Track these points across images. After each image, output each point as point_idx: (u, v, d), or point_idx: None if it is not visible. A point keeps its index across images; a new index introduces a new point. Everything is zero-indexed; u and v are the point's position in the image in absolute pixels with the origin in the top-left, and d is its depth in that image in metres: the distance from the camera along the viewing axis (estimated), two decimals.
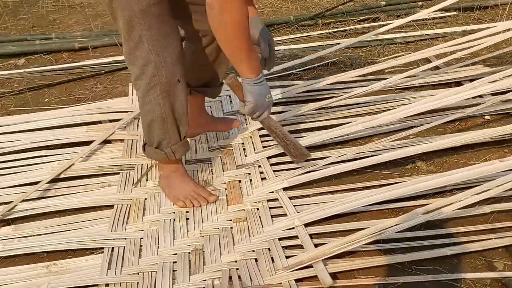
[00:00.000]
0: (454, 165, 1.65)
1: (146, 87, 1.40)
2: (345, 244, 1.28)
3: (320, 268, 1.25)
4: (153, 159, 1.58)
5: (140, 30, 1.32)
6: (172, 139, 1.48)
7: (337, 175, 1.61)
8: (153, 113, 1.44)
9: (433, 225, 1.40)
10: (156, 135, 1.47)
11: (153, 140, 1.49)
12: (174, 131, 1.47)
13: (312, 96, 2.09)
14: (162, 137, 1.47)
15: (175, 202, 1.54)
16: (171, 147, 1.49)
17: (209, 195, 1.54)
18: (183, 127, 1.50)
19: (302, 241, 1.35)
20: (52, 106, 2.19)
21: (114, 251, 1.37)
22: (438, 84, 2.14)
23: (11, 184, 1.65)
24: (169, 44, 1.37)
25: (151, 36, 1.33)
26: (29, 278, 1.30)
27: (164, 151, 1.49)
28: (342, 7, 3.02)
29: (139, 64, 1.37)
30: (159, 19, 1.33)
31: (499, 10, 2.96)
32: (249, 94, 1.38)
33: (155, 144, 1.49)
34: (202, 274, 1.27)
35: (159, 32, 1.34)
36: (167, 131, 1.46)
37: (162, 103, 1.41)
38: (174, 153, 1.50)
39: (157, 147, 1.49)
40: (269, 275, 1.25)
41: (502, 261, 1.28)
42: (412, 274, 1.25)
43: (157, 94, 1.40)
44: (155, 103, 1.42)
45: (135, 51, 1.36)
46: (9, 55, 2.74)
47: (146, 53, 1.35)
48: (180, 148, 1.51)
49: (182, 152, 1.53)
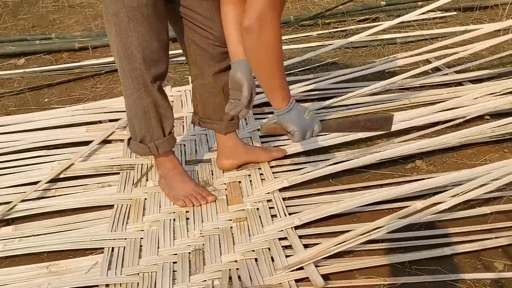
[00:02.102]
0: (454, 165, 1.65)
1: (128, 79, 1.39)
2: (342, 243, 1.28)
3: (311, 270, 1.24)
4: (137, 154, 1.57)
5: (127, 24, 1.31)
6: (155, 134, 1.47)
7: (336, 175, 1.61)
8: (135, 107, 1.43)
9: (433, 225, 1.40)
10: (138, 129, 1.47)
11: (136, 134, 1.48)
12: (157, 126, 1.46)
13: (312, 96, 2.09)
14: (145, 131, 1.47)
15: (175, 201, 1.53)
16: (154, 142, 1.48)
17: (208, 195, 1.54)
18: (168, 122, 1.49)
19: (292, 242, 1.34)
20: (52, 106, 2.19)
21: (114, 251, 1.37)
22: (438, 84, 2.14)
23: (11, 184, 1.65)
24: (153, 44, 1.35)
25: (136, 33, 1.32)
26: (29, 278, 1.30)
27: (147, 146, 1.49)
28: (342, 7, 3.03)
29: (122, 57, 1.36)
30: (149, 19, 1.32)
31: (499, 10, 2.96)
32: (289, 124, 1.31)
33: (139, 138, 1.49)
34: (202, 275, 1.27)
35: (145, 31, 1.33)
36: (150, 126, 1.46)
37: (144, 97, 1.41)
38: (157, 147, 1.49)
39: (140, 142, 1.49)
40: (269, 275, 1.25)
41: (502, 261, 1.27)
42: (412, 274, 1.25)
43: (138, 87, 1.39)
44: (136, 96, 1.41)
45: (119, 44, 1.34)
46: (9, 55, 2.75)
47: (128, 46, 1.33)
48: (163, 143, 1.50)
49: (166, 147, 1.51)
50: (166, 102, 1.48)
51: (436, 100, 1.99)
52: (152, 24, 1.34)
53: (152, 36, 1.35)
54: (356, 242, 1.27)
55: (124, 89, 1.43)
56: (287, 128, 1.32)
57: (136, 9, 1.29)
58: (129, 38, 1.32)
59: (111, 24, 1.33)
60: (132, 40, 1.33)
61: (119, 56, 1.36)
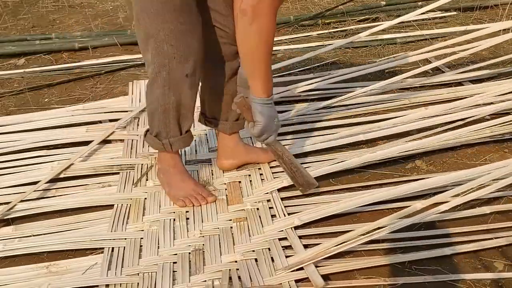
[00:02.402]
0: (454, 165, 1.65)
1: (155, 76, 1.38)
2: (343, 243, 1.28)
3: (311, 270, 1.24)
4: (150, 147, 1.57)
5: (156, 20, 1.30)
6: (171, 131, 1.47)
7: (336, 175, 1.61)
8: (156, 103, 1.42)
9: (433, 225, 1.39)
10: (156, 125, 1.46)
11: (153, 129, 1.48)
12: (175, 124, 1.46)
13: (312, 96, 2.09)
14: (161, 128, 1.46)
15: (175, 201, 1.53)
16: (169, 139, 1.48)
17: (208, 195, 1.53)
18: (187, 122, 1.48)
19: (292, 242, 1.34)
20: (52, 106, 2.19)
21: (114, 251, 1.37)
22: (438, 84, 2.14)
23: (10, 184, 1.65)
24: (185, 37, 1.33)
25: (168, 27, 1.30)
26: (29, 278, 1.29)
27: (161, 142, 1.48)
28: (342, 7, 3.03)
29: (152, 53, 1.35)
30: (181, 11, 1.30)
31: (499, 10, 2.96)
32: (259, 114, 1.36)
33: (155, 133, 1.49)
34: (202, 275, 1.27)
35: (176, 24, 1.31)
36: (167, 123, 1.45)
37: (168, 94, 1.39)
38: (171, 145, 1.48)
39: (156, 136, 1.49)
40: (269, 275, 1.25)
41: (502, 261, 1.27)
42: (412, 274, 1.25)
43: (163, 84, 1.38)
44: (160, 93, 1.40)
45: (149, 39, 1.33)
46: (9, 55, 2.74)
47: (160, 42, 1.32)
48: (178, 141, 1.49)
49: (180, 146, 1.51)
50: (190, 102, 1.45)
51: (436, 100, 1.99)
52: (183, 15, 1.32)
53: (185, 28, 1.33)
54: (357, 243, 1.27)
55: (150, 83, 1.42)
56: (255, 116, 1.36)
57: (165, 2, 1.28)
58: (159, 33, 1.31)
59: (140, 20, 1.32)
60: (163, 34, 1.31)
61: (150, 52, 1.35)
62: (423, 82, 2.14)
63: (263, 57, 1.29)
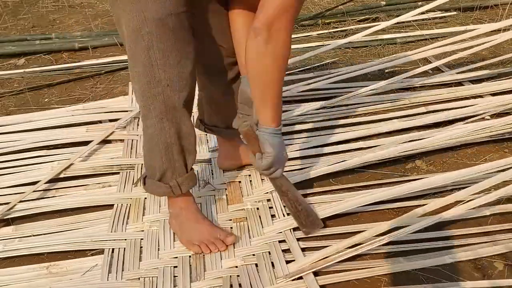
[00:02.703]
0: (454, 165, 1.65)
1: (149, 108, 1.21)
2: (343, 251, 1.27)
3: (310, 280, 1.22)
4: (155, 195, 1.40)
5: (150, 41, 1.14)
6: (177, 169, 1.29)
7: (336, 175, 1.61)
8: (156, 138, 1.25)
9: (433, 226, 1.39)
10: (159, 165, 1.28)
11: (155, 171, 1.30)
12: (180, 161, 1.29)
13: (312, 96, 2.09)
14: (166, 167, 1.28)
15: (189, 247, 1.35)
16: (176, 179, 1.30)
17: (226, 236, 1.35)
18: (191, 157, 1.31)
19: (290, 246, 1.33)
20: (52, 106, 2.19)
21: (115, 253, 1.36)
22: (438, 84, 2.14)
23: (10, 184, 1.65)
24: (180, 62, 1.18)
25: (161, 50, 1.15)
26: (30, 279, 1.29)
27: (168, 184, 1.30)
28: (342, 7, 3.03)
29: (143, 81, 1.18)
30: (175, 32, 1.15)
31: (499, 10, 2.96)
32: (269, 146, 1.21)
33: (158, 176, 1.30)
34: (203, 282, 1.26)
35: (171, 47, 1.15)
36: (172, 160, 1.28)
37: (167, 127, 1.23)
38: (180, 186, 1.31)
39: (159, 180, 1.31)
40: (270, 284, 1.23)
41: (502, 261, 1.27)
42: (412, 275, 1.24)
43: (161, 116, 1.21)
44: (159, 127, 1.23)
45: (139, 65, 1.17)
46: (9, 55, 2.75)
47: (151, 68, 1.16)
48: (186, 180, 1.32)
49: (189, 185, 1.33)
50: (191, 133, 1.28)
51: (436, 100, 1.99)
52: (178, 38, 1.16)
53: (179, 52, 1.17)
54: (359, 251, 1.26)
55: (143, 119, 1.25)
56: (264, 148, 1.23)
57: (159, 21, 1.12)
58: (151, 57, 1.15)
59: (131, 42, 1.16)
60: (155, 58, 1.15)
61: (140, 82, 1.18)
62: (423, 82, 2.14)
63: (277, 81, 1.17)
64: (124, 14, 1.14)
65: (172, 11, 1.13)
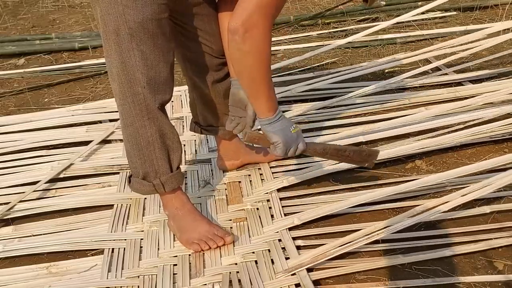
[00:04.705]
0: (454, 165, 1.65)
1: (128, 107, 1.23)
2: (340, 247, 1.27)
3: (303, 275, 1.23)
4: (139, 193, 1.38)
5: (129, 43, 1.16)
6: (160, 168, 1.29)
7: (336, 175, 1.61)
8: (135, 137, 1.26)
9: (433, 225, 1.39)
10: (140, 164, 1.29)
11: (138, 170, 1.30)
12: (163, 159, 1.29)
13: (312, 96, 2.09)
14: (147, 166, 1.28)
15: (189, 246, 1.35)
16: (160, 178, 1.30)
17: (224, 234, 1.36)
18: (175, 155, 1.32)
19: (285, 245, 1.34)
20: (52, 106, 2.19)
21: (114, 253, 1.37)
22: (438, 84, 2.14)
23: (10, 184, 1.65)
24: (158, 65, 1.21)
25: (140, 52, 1.17)
26: (30, 279, 1.30)
27: (152, 183, 1.31)
28: (342, 7, 3.03)
29: (121, 81, 1.20)
30: (154, 37, 1.18)
31: (499, 10, 2.96)
32: (273, 135, 1.24)
33: (141, 175, 1.31)
34: (202, 278, 1.26)
35: (150, 50, 1.18)
36: (154, 159, 1.28)
37: (148, 125, 1.24)
38: (163, 185, 1.31)
39: (143, 178, 1.31)
40: (269, 279, 1.24)
41: (502, 261, 1.27)
42: (413, 275, 1.25)
43: (141, 115, 1.23)
44: (137, 126, 1.24)
45: (118, 65, 1.19)
46: (9, 55, 2.75)
47: (130, 68, 1.18)
48: (170, 179, 1.31)
49: (174, 184, 1.33)
50: (173, 131, 1.30)
51: (436, 100, 1.99)
52: (157, 42, 1.19)
53: (158, 55, 1.20)
54: (356, 246, 1.26)
55: (123, 119, 1.26)
56: (271, 138, 1.25)
57: (139, 25, 1.14)
58: (131, 58, 1.17)
59: (110, 43, 1.17)
60: (135, 60, 1.17)
61: (120, 80, 1.20)
62: (423, 82, 2.14)
63: (263, 76, 1.19)
64: (105, 14, 1.15)
65: (153, 16, 1.15)
